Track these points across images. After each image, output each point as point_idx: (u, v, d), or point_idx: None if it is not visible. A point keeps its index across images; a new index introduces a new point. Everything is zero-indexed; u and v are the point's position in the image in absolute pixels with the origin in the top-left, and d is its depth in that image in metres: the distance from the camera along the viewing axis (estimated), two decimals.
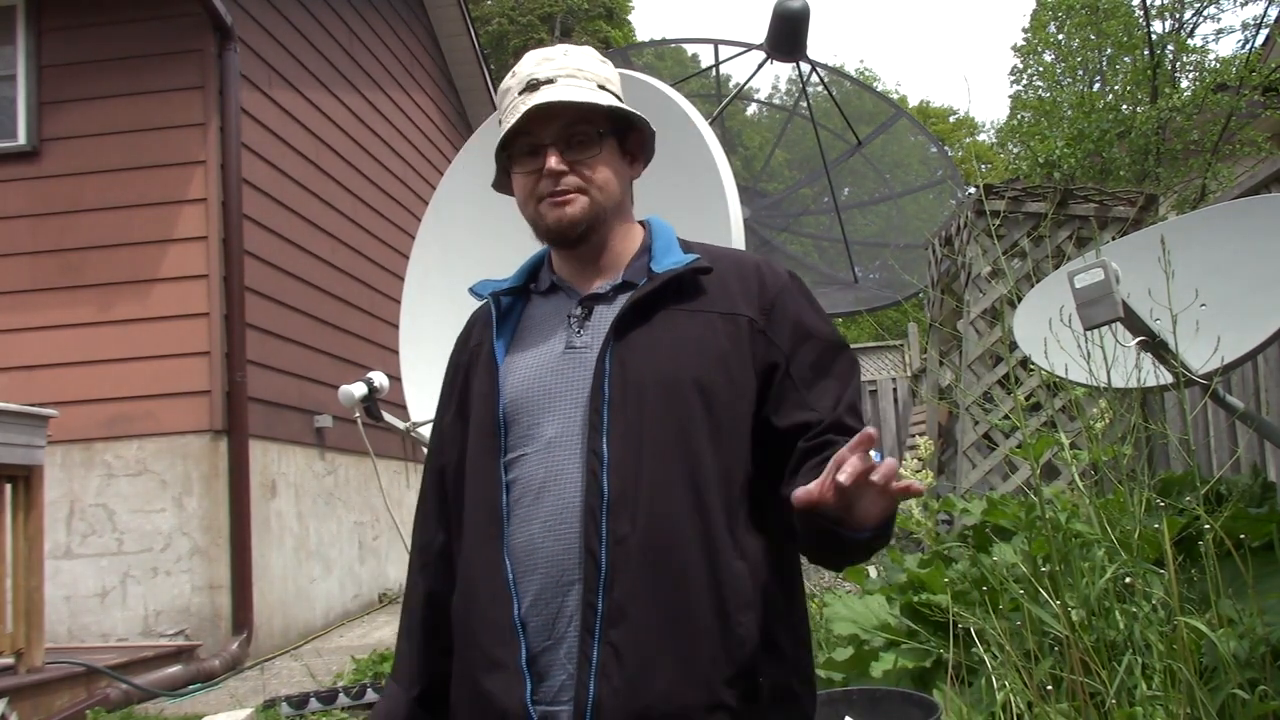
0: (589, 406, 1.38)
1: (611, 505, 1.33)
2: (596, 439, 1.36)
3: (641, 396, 1.37)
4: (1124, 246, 3.34)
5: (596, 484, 1.34)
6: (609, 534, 1.32)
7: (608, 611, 1.31)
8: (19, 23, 6.28)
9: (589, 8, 26.88)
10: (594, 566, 1.32)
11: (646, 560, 1.32)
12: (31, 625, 4.52)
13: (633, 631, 1.30)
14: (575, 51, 1.52)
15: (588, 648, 1.31)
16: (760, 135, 18.81)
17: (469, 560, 1.42)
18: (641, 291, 1.43)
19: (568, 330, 1.46)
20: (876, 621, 3.00)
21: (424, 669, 1.52)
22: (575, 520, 1.35)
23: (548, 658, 1.34)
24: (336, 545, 7.28)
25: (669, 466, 1.35)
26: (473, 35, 10.54)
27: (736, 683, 1.33)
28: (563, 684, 1.33)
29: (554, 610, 1.34)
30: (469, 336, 1.58)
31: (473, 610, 1.40)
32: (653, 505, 1.34)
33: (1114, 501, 2.70)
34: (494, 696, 1.34)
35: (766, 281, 1.49)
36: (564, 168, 1.44)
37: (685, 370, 1.39)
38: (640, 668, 1.30)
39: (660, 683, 1.30)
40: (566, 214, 1.45)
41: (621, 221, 1.52)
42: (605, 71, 1.51)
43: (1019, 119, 14.27)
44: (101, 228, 6.12)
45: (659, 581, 1.32)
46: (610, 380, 1.38)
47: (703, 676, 1.31)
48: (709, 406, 1.38)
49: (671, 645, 1.31)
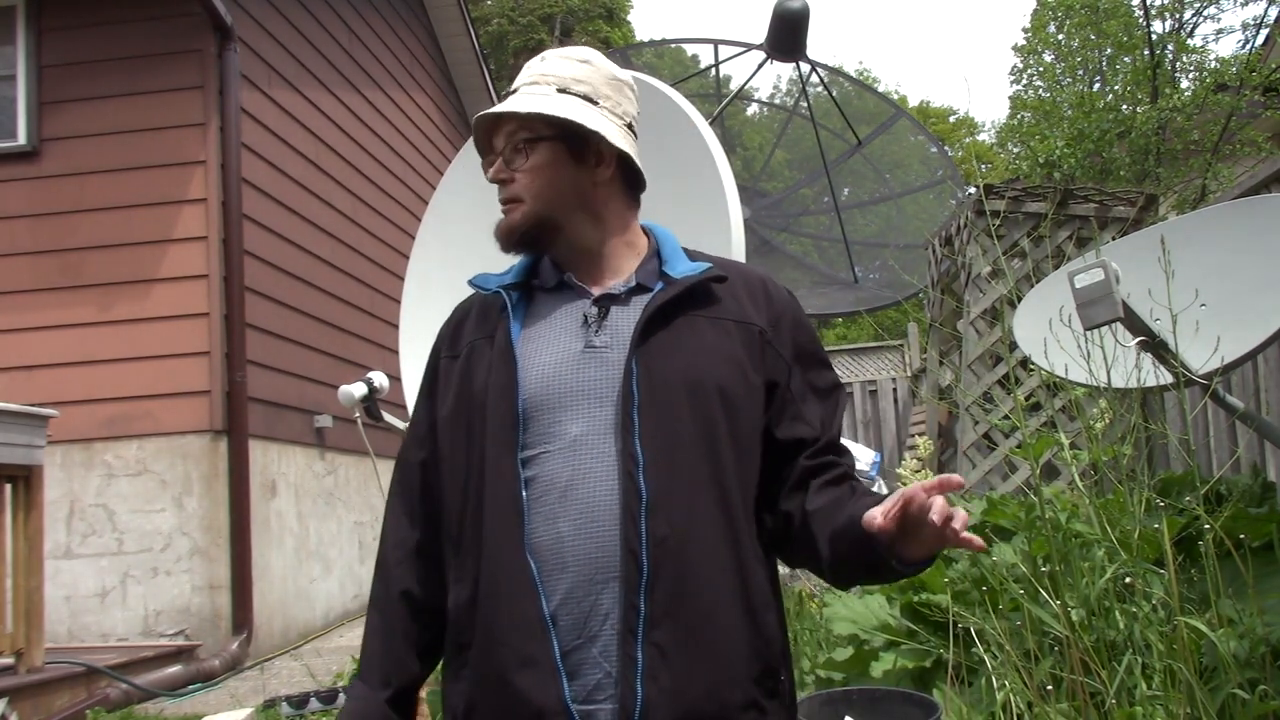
0: (619, 408, 1.38)
1: (650, 506, 1.34)
2: (629, 440, 1.36)
3: (669, 399, 1.38)
4: (1124, 246, 3.33)
5: (634, 485, 1.34)
6: (649, 535, 1.33)
7: (651, 613, 1.31)
8: (19, 23, 6.28)
9: (589, 8, 26.87)
10: (635, 567, 1.32)
11: (683, 561, 1.33)
12: (31, 625, 4.52)
13: (675, 633, 1.32)
14: (555, 57, 1.52)
15: (630, 648, 1.31)
16: (760, 135, 18.82)
17: (489, 557, 1.38)
18: (665, 296, 1.43)
19: (585, 329, 1.45)
20: (876, 621, 3.00)
21: (396, 669, 1.48)
22: (608, 520, 1.34)
23: (579, 655, 1.34)
24: (336, 545, 7.28)
25: (698, 470, 1.37)
26: (473, 35, 10.54)
27: (764, 681, 1.37)
28: (599, 683, 1.33)
29: (586, 608, 1.34)
30: (459, 329, 1.54)
31: (497, 608, 1.37)
32: (687, 508, 1.35)
33: (1114, 501, 2.70)
34: (528, 693, 1.32)
35: (773, 295, 1.52)
36: (501, 176, 1.48)
37: (709, 375, 1.40)
38: (684, 668, 1.31)
39: (703, 683, 1.32)
40: (504, 223, 1.49)
41: (590, 220, 1.50)
42: (577, 72, 1.50)
43: (1019, 119, 14.28)
44: (101, 228, 6.12)
45: (694, 582, 1.34)
46: (638, 382, 1.38)
47: (738, 676, 1.34)
48: (729, 412, 1.40)
49: (710, 646, 1.33)
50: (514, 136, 1.47)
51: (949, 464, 5.98)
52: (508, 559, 1.36)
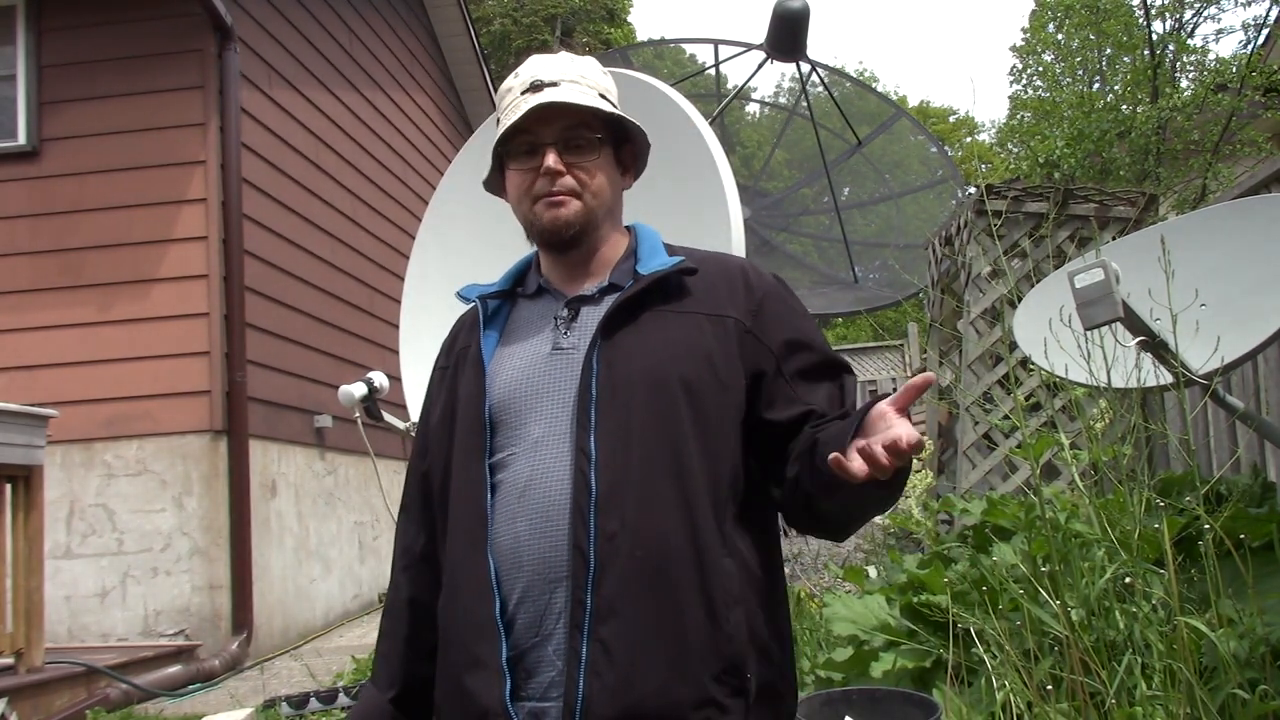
0: (576, 405, 1.38)
1: (600, 502, 1.34)
2: (584, 437, 1.36)
3: (629, 395, 1.38)
4: (1124, 246, 3.33)
5: (585, 481, 1.34)
6: (598, 531, 1.33)
7: (597, 608, 1.31)
8: (19, 23, 6.28)
9: (590, 8, 26.88)
10: (582, 563, 1.32)
11: (635, 557, 1.33)
12: (31, 625, 4.52)
13: (622, 628, 1.31)
14: (579, 59, 1.53)
15: (576, 644, 1.31)
16: (760, 135, 18.81)
17: (454, 561, 1.43)
18: (628, 292, 1.44)
19: (554, 331, 1.47)
20: (876, 622, 2.99)
21: (402, 671, 1.53)
22: (562, 518, 1.35)
23: (535, 655, 1.35)
24: (336, 545, 7.28)
25: (656, 464, 1.36)
26: (473, 35, 10.54)
27: (725, 679, 1.34)
28: (552, 680, 1.33)
29: (541, 607, 1.35)
30: (455, 340, 1.59)
31: (456, 609, 1.41)
32: (641, 502, 1.34)
33: (1114, 501, 2.70)
34: (474, 694, 1.35)
35: (753, 284, 1.50)
36: (561, 168, 1.45)
37: (671, 369, 1.40)
38: (630, 664, 1.30)
39: (650, 679, 1.30)
40: (561, 215, 1.46)
41: (612, 229, 1.54)
42: (606, 82, 1.53)
43: (1019, 119, 14.28)
44: (101, 228, 6.12)
45: (648, 578, 1.33)
46: (597, 379, 1.38)
47: (692, 673, 1.32)
48: (695, 405, 1.39)
49: (661, 642, 1.31)
50: (574, 132, 1.46)
51: (949, 464, 5.97)
52: (469, 561, 1.39)
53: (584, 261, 1.51)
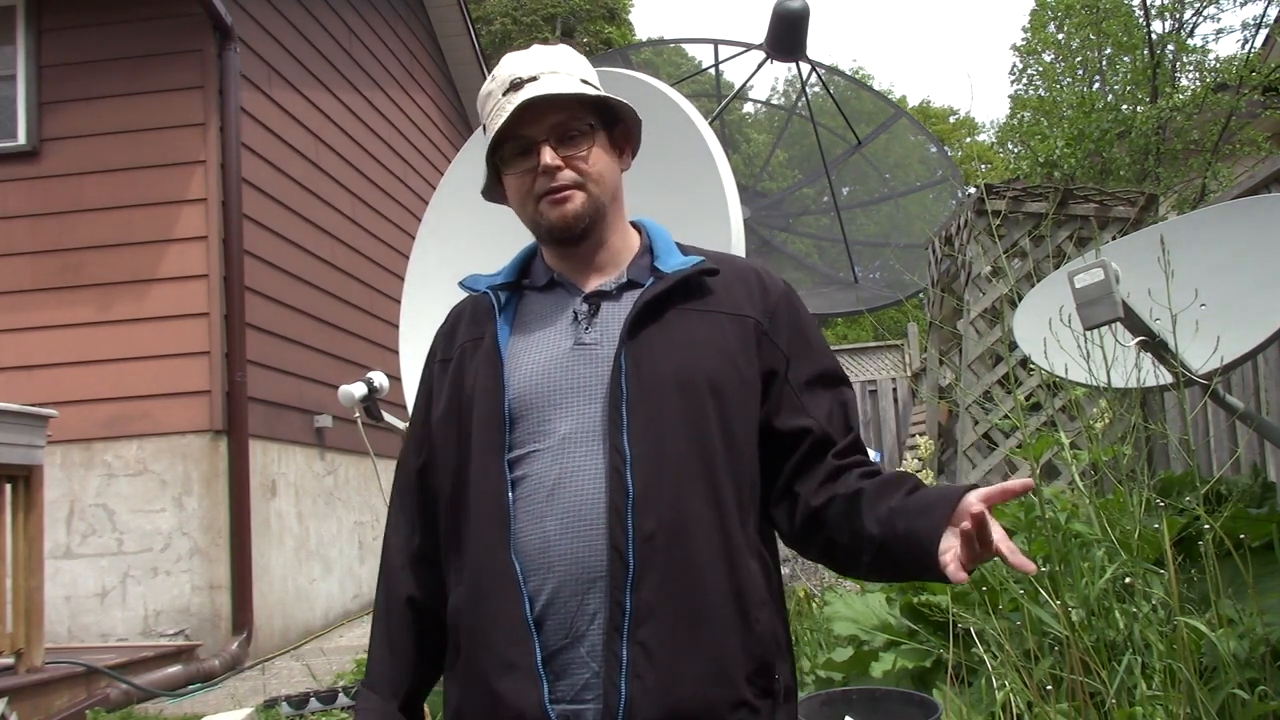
0: (608, 403, 1.36)
1: (637, 503, 1.32)
2: (618, 436, 1.34)
3: (659, 394, 1.36)
4: (1124, 246, 3.33)
5: (621, 481, 1.32)
6: (635, 531, 1.31)
7: (636, 610, 1.30)
8: (19, 23, 6.28)
9: (590, 8, 26.87)
10: (621, 564, 1.30)
11: (671, 558, 1.32)
12: (31, 625, 4.52)
13: (661, 630, 1.30)
14: (552, 49, 1.50)
15: (615, 646, 1.29)
16: (760, 135, 18.80)
17: (476, 561, 1.38)
18: (655, 290, 1.41)
19: (575, 326, 1.43)
20: (876, 621, 2.99)
21: (405, 677, 1.48)
22: (596, 518, 1.33)
23: (565, 656, 1.32)
24: (336, 545, 7.28)
25: (688, 464, 1.35)
26: (473, 35, 10.54)
27: (756, 680, 1.34)
28: (586, 682, 1.31)
29: (573, 608, 1.32)
30: (455, 332, 1.53)
31: (482, 611, 1.36)
32: (676, 503, 1.33)
33: (1114, 501, 2.70)
34: (507, 698, 1.31)
35: (768, 287, 1.49)
36: (559, 163, 1.42)
37: (700, 369, 1.38)
38: (670, 666, 1.29)
39: (689, 681, 1.30)
40: (568, 211, 1.43)
41: (617, 216, 1.51)
42: (583, 66, 1.50)
43: (1019, 119, 14.26)
44: (101, 228, 6.12)
45: (683, 579, 1.32)
46: (627, 378, 1.36)
47: (728, 674, 1.32)
48: (721, 406, 1.38)
49: (697, 643, 1.31)
50: (565, 123, 1.43)
51: (949, 464, 5.97)
52: (492, 561, 1.36)
53: (594, 253, 1.48)
